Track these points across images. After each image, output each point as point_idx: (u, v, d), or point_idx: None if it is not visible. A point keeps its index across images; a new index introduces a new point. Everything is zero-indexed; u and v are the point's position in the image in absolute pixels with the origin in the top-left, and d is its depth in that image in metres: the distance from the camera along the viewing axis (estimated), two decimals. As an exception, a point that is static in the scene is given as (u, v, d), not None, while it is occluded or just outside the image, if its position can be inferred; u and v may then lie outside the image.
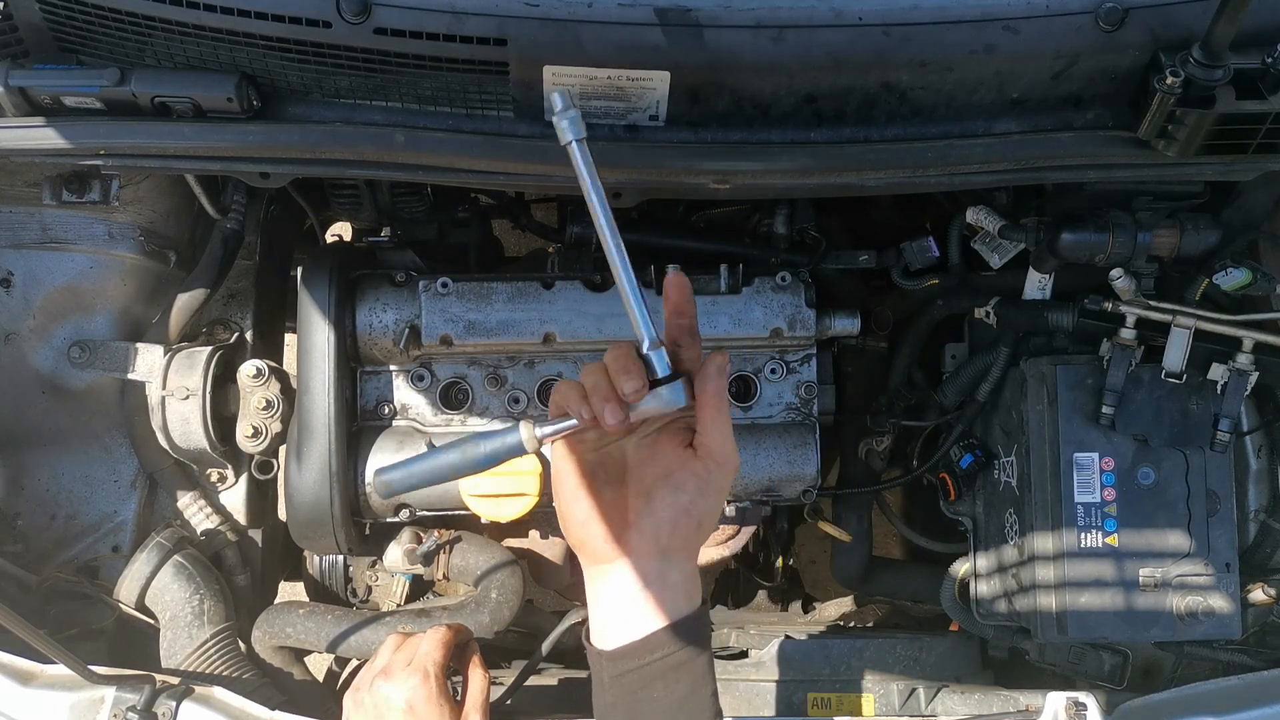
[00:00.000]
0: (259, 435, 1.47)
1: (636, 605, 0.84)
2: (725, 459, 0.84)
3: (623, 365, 0.82)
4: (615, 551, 0.85)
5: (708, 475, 0.83)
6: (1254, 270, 1.35)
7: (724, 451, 0.83)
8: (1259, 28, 1.04)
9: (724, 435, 0.84)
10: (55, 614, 1.45)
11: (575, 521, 0.86)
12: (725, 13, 1.03)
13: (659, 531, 0.84)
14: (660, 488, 0.84)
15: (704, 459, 0.84)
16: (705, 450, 0.84)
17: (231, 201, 1.46)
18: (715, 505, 0.85)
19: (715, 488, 0.84)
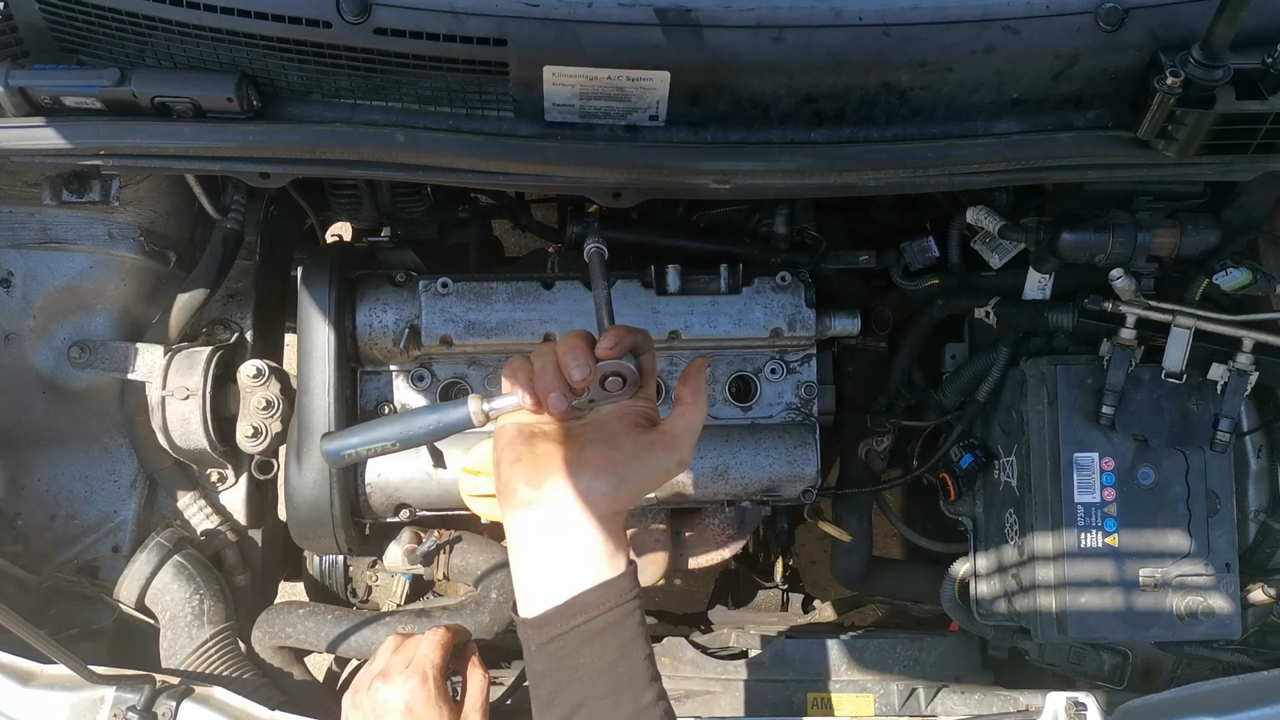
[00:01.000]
0: (259, 435, 1.47)
1: (556, 566, 0.82)
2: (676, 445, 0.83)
3: (573, 352, 0.82)
4: (535, 496, 0.83)
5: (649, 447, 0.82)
6: (1254, 270, 1.36)
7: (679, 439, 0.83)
8: (1259, 28, 1.04)
9: (688, 429, 0.83)
10: (55, 614, 1.45)
11: (504, 465, 0.85)
12: (725, 13, 1.03)
13: (579, 482, 0.81)
14: (595, 447, 0.83)
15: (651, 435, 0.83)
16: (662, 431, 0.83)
17: (231, 201, 1.46)
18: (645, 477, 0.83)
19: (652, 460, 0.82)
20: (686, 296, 1.45)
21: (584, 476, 0.82)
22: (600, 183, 1.19)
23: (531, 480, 0.83)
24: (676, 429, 0.84)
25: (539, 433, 0.86)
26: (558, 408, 0.82)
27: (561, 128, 1.12)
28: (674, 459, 0.83)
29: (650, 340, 0.90)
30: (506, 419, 0.87)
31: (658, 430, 0.84)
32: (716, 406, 1.50)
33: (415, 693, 1.07)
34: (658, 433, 0.84)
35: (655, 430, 0.84)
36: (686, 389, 0.87)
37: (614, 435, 0.84)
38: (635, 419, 0.86)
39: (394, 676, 1.09)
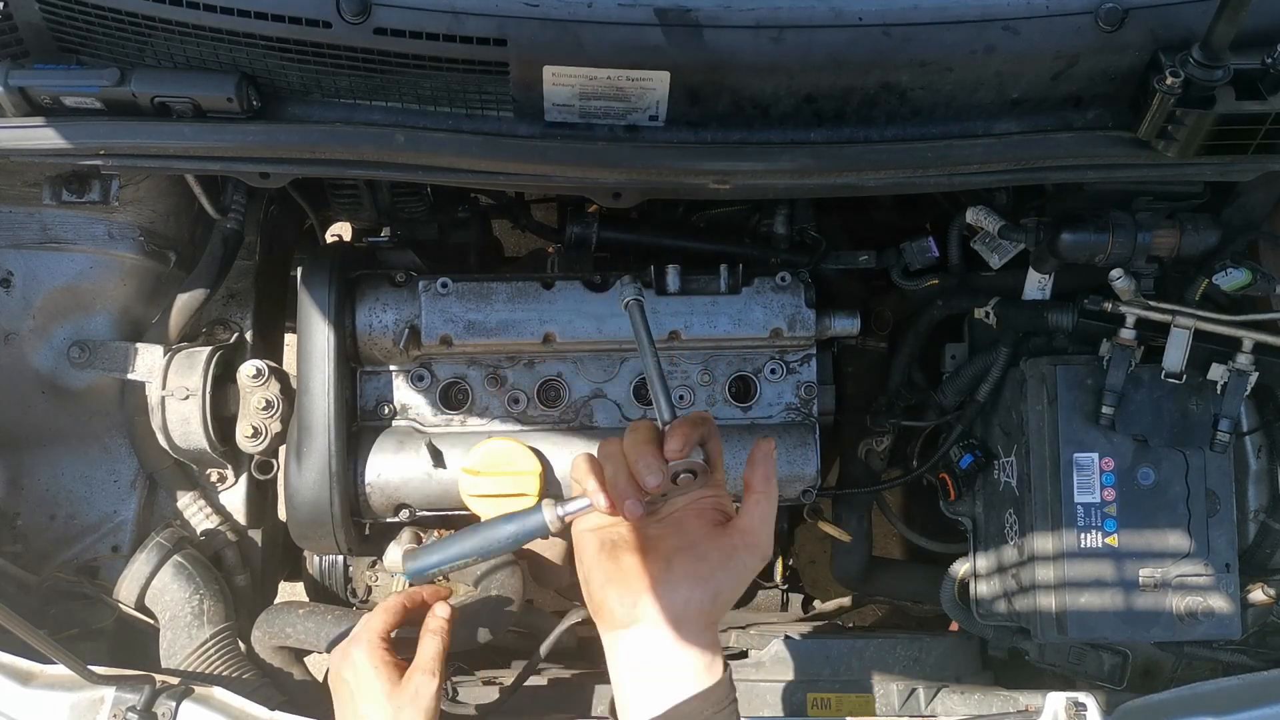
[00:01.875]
0: (259, 435, 1.47)
1: (655, 677, 0.82)
2: (758, 542, 0.83)
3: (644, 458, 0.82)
4: (631, 616, 0.83)
5: (733, 552, 0.83)
6: (1254, 270, 1.36)
7: (759, 535, 0.83)
8: (1259, 28, 1.04)
9: (764, 520, 0.83)
10: (55, 614, 1.45)
11: (595, 584, 0.85)
12: (725, 13, 1.03)
13: (675, 598, 0.82)
14: (681, 556, 0.83)
15: (733, 536, 0.83)
16: (740, 529, 0.83)
17: (231, 201, 1.46)
18: (736, 583, 0.83)
19: (739, 565, 0.83)
20: (686, 296, 1.45)
21: (679, 593, 0.82)
22: (600, 183, 1.19)
23: (625, 599, 0.83)
24: (754, 524, 0.84)
25: (621, 542, 0.86)
26: (634, 514, 0.82)
27: (561, 128, 1.12)
28: (758, 555, 0.84)
29: (714, 425, 0.90)
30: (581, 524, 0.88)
31: (737, 529, 0.84)
32: (716, 406, 1.50)
33: (354, 659, 1.10)
34: (737, 531, 0.84)
35: (734, 529, 0.84)
36: (756, 476, 0.86)
37: (696, 540, 0.84)
38: (712, 515, 0.86)
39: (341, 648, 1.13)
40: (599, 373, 1.49)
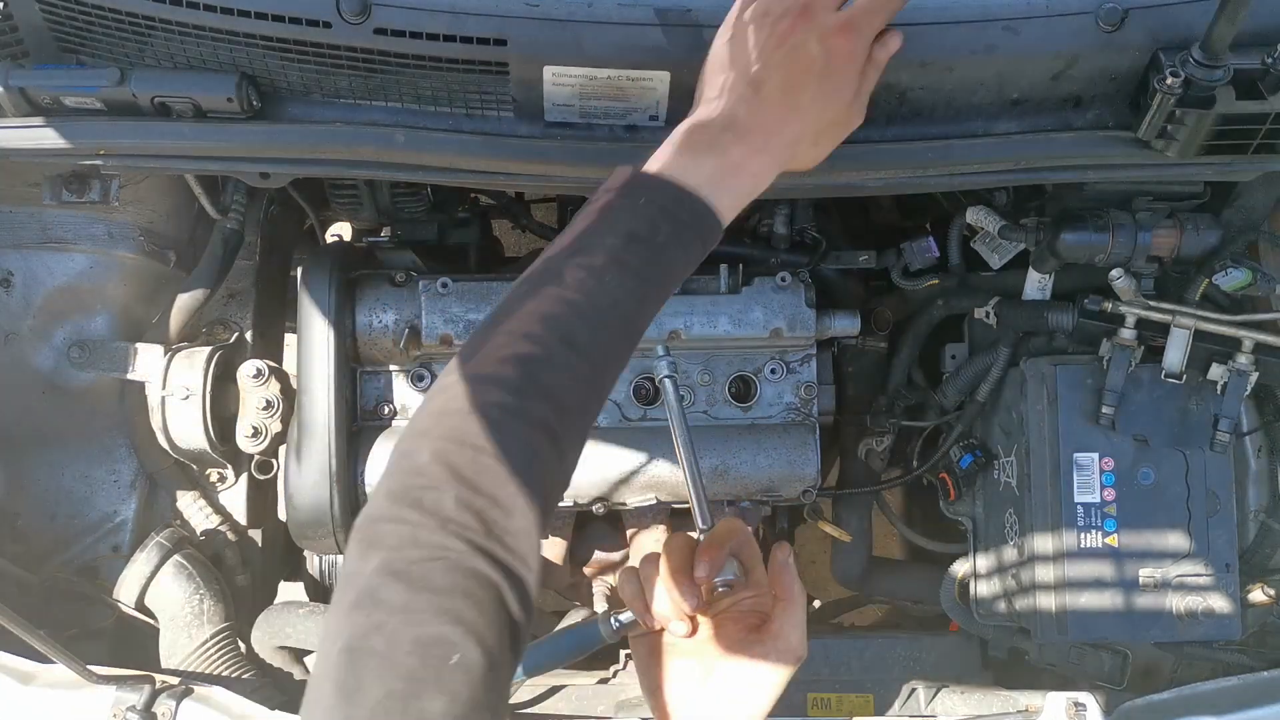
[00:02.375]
0: (259, 435, 1.47)
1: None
2: (791, 649, 0.86)
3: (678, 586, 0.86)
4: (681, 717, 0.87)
5: (766, 659, 0.85)
6: (1254, 270, 1.35)
7: (792, 642, 0.86)
8: (1259, 28, 1.04)
9: (796, 627, 0.87)
10: (55, 614, 1.45)
11: (646, 690, 0.90)
12: (725, 13, 1.03)
13: (717, 706, 0.85)
14: (721, 665, 0.86)
15: (768, 644, 0.86)
16: (773, 636, 0.86)
17: (231, 201, 1.46)
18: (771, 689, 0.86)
19: (774, 672, 0.85)
20: (686, 296, 1.45)
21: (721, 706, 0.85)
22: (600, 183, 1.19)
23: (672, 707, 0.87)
24: (785, 629, 0.87)
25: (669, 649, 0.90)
26: (679, 633, 0.87)
27: (561, 128, 1.12)
28: (791, 659, 0.86)
29: (747, 533, 0.93)
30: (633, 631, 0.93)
31: (769, 635, 0.87)
32: (716, 406, 1.50)
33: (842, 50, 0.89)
34: (772, 638, 0.87)
35: (771, 636, 0.87)
36: (777, 585, 0.90)
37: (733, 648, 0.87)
38: (749, 619, 0.89)
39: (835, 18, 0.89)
40: (599, 373, 1.49)
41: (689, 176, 0.83)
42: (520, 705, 1.47)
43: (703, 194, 0.83)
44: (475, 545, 0.64)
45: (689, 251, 0.83)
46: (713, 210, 0.83)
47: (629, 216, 0.81)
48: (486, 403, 0.70)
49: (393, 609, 0.61)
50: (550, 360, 0.73)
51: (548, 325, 0.74)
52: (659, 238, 0.80)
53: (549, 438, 0.71)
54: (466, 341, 0.77)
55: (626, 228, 0.80)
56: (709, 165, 0.84)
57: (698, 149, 0.85)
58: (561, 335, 0.74)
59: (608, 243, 0.79)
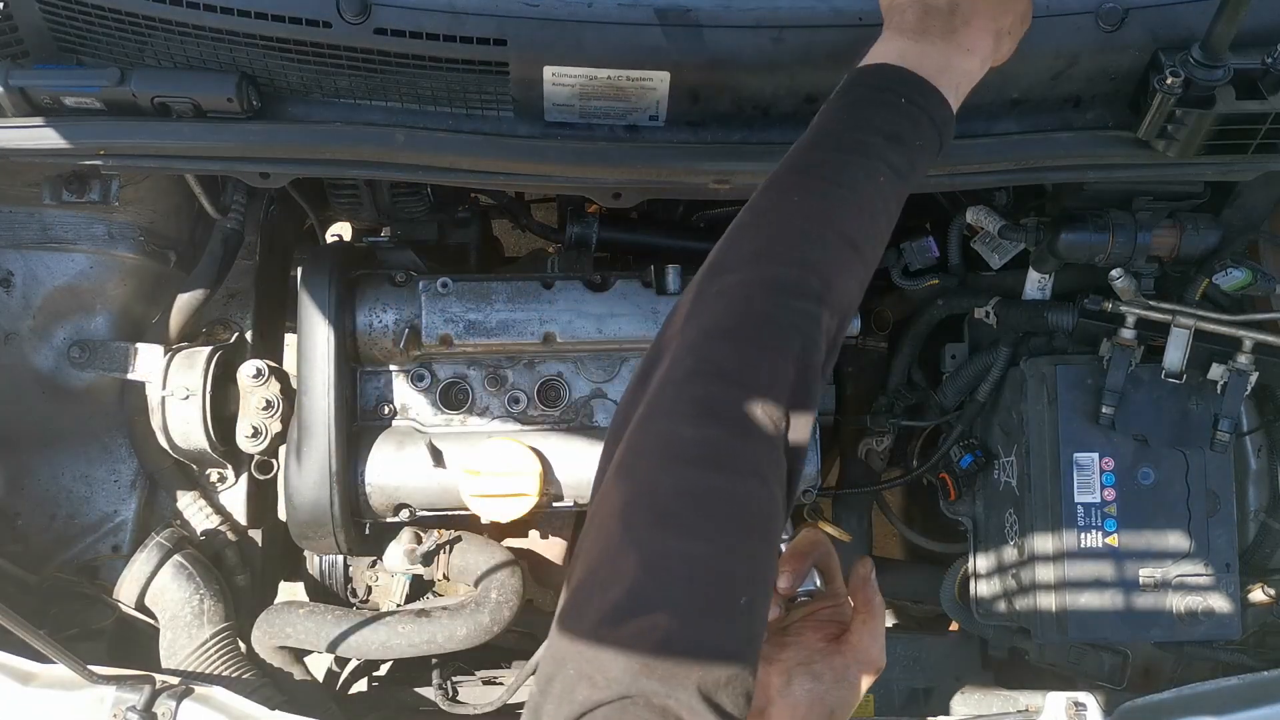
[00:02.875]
0: (259, 435, 1.47)
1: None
2: (870, 660, 0.86)
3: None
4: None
5: (846, 670, 0.85)
6: (1254, 270, 1.35)
7: (870, 653, 0.86)
8: (1259, 28, 1.04)
9: (874, 638, 0.87)
10: (55, 614, 1.45)
11: None
12: (725, 13, 1.03)
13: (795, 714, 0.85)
14: (799, 673, 0.86)
15: (847, 654, 0.86)
16: (852, 647, 0.86)
17: (231, 201, 1.46)
18: (850, 699, 0.86)
19: (852, 683, 0.85)
20: (686, 296, 1.44)
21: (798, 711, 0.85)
22: (600, 183, 1.19)
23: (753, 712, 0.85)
24: (865, 641, 0.87)
25: None
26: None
27: (561, 128, 1.12)
28: (871, 670, 0.86)
29: (828, 544, 0.93)
30: None
31: (851, 646, 0.87)
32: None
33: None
34: (851, 649, 0.87)
35: (849, 646, 0.87)
36: (858, 599, 0.90)
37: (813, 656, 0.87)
38: (828, 629, 0.89)
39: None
40: (599, 373, 1.49)
41: (926, 64, 0.85)
42: (520, 705, 1.47)
43: (940, 85, 0.84)
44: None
45: (932, 151, 0.85)
46: (949, 103, 0.85)
47: (890, 115, 0.82)
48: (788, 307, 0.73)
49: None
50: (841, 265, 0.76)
51: (835, 229, 0.77)
52: (917, 140, 0.82)
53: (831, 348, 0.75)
54: (733, 232, 0.80)
55: (889, 126, 0.82)
56: (945, 49, 0.86)
57: (932, 34, 0.86)
58: (848, 240, 0.77)
59: (874, 143, 0.81)
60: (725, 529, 0.65)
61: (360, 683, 1.69)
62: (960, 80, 0.86)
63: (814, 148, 0.82)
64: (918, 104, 0.83)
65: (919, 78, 0.83)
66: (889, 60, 0.85)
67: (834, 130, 0.83)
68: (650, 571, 0.63)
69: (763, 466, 0.67)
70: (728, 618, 0.63)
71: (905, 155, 0.81)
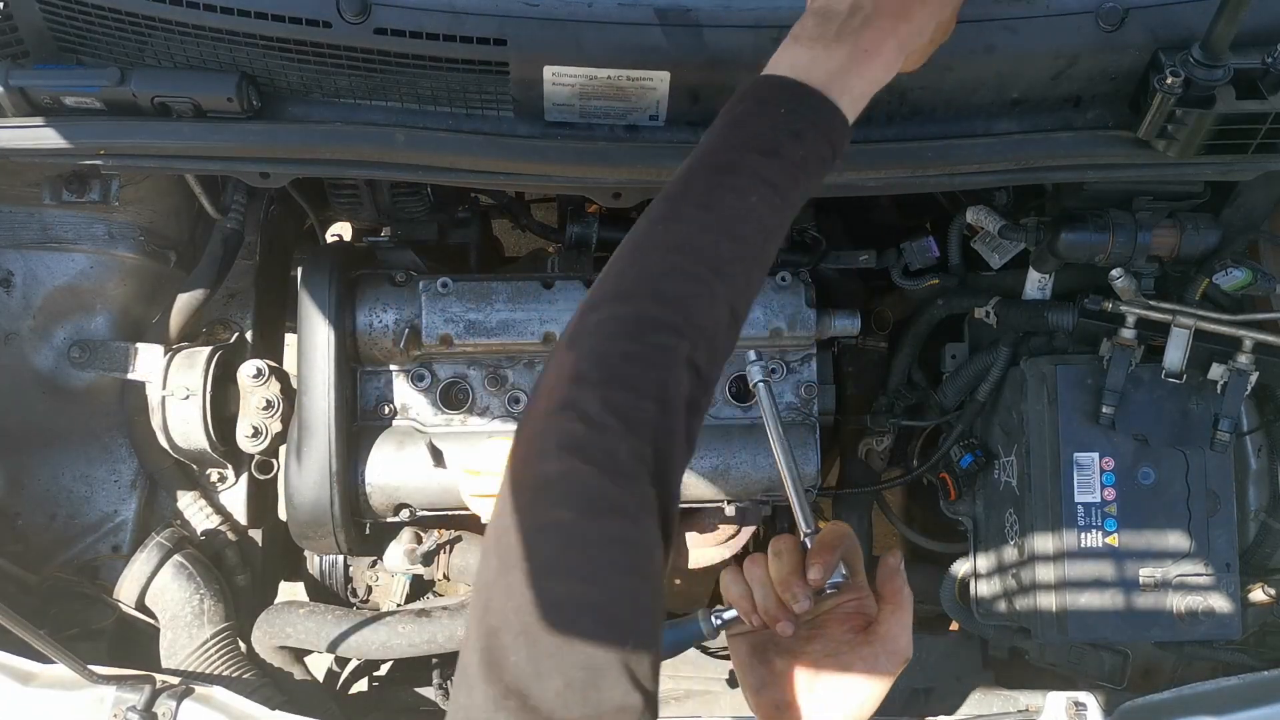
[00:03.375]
0: (259, 435, 1.47)
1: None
2: (898, 650, 0.85)
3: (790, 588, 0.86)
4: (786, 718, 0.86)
5: (875, 660, 0.85)
6: (1254, 270, 1.35)
7: (899, 643, 0.86)
8: (1259, 28, 1.04)
9: (903, 628, 0.86)
10: (55, 614, 1.45)
11: (749, 689, 0.89)
12: (725, 13, 1.03)
13: (823, 706, 0.85)
14: (827, 665, 0.86)
15: (875, 645, 0.86)
16: (880, 637, 0.86)
17: (231, 201, 1.46)
18: (878, 690, 0.86)
19: (881, 673, 0.85)
20: (686, 296, 1.44)
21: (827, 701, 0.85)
22: (600, 183, 1.19)
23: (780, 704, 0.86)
24: (893, 630, 0.87)
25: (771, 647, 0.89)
26: (787, 633, 0.87)
27: (561, 128, 1.12)
28: (899, 660, 0.86)
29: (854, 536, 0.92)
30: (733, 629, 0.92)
31: (877, 636, 0.87)
32: (716, 406, 1.50)
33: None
34: (878, 639, 0.86)
35: (876, 636, 0.87)
36: (887, 589, 0.90)
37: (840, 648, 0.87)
38: (855, 620, 0.89)
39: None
40: (599, 373, 1.48)
41: (816, 71, 0.82)
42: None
43: (833, 93, 0.81)
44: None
45: (823, 160, 0.83)
46: (840, 111, 0.82)
47: (768, 129, 0.81)
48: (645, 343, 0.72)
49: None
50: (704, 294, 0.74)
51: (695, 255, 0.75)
52: (799, 151, 0.80)
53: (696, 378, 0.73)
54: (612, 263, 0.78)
55: (765, 142, 0.80)
56: (840, 54, 0.83)
57: (827, 38, 0.84)
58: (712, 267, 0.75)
59: (748, 160, 0.79)
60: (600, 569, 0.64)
61: (360, 683, 1.70)
62: (858, 84, 0.83)
63: (688, 170, 0.80)
64: (801, 114, 0.81)
65: (804, 87, 0.81)
66: (779, 70, 0.83)
67: (709, 150, 0.81)
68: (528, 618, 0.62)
69: (630, 504, 0.66)
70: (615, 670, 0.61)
71: (784, 170, 0.79)
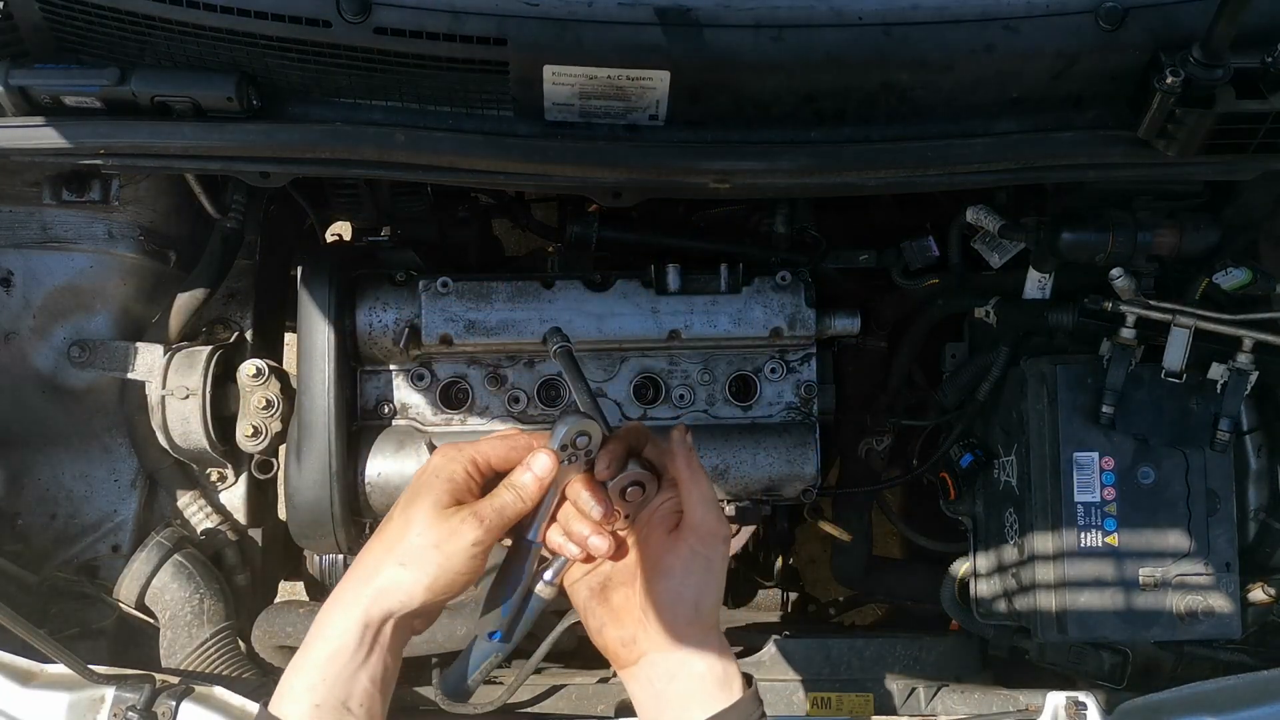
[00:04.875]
0: (259, 435, 1.47)
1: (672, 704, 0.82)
2: (708, 531, 0.82)
3: (581, 495, 0.83)
4: (633, 652, 0.84)
5: (691, 554, 0.82)
6: (1254, 270, 1.35)
7: (705, 523, 0.82)
8: (1259, 28, 1.04)
9: (703, 505, 0.82)
10: (55, 614, 1.45)
11: (593, 631, 0.87)
12: (725, 12, 1.03)
13: (662, 623, 0.82)
14: (653, 578, 0.83)
15: (687, 537, 0.82)
16: (688, 527, 0.82)
17: (231, 201, 1.46)
18: (707, 581, 0.83)
19: (702, 564, 0.82)
20: (686, 296, 1.44)
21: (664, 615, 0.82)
22: (600, 182, 1.19)
23: (624, 638, 0.84)
24: (698, 514, 0.84)
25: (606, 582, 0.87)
26: (601, 549, 0.84)
27: (561, 127, 1.12)
28: (717, 542, 0.83)
29: (644, 431, 0.89)
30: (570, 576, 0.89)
31: (686, 528, 0.84)
32: (716, 406, 1.50)
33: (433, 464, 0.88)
34: (687, 530, 0.83)
35: (686, 527, 0.84)
36: (678, 467, 0.85)
37: (660, 554, 0.84)
38: (669, 520, 0.86)
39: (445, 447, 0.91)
40: (599, 371, 1.49)
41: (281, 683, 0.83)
42: (520, 705, 1.47)
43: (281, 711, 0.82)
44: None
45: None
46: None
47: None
48: None
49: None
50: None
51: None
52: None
53: None
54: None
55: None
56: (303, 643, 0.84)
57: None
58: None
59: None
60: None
61: (360, 682, 1.69)
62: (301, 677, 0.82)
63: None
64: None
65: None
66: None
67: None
68: None
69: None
70: None
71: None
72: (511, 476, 0.86)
